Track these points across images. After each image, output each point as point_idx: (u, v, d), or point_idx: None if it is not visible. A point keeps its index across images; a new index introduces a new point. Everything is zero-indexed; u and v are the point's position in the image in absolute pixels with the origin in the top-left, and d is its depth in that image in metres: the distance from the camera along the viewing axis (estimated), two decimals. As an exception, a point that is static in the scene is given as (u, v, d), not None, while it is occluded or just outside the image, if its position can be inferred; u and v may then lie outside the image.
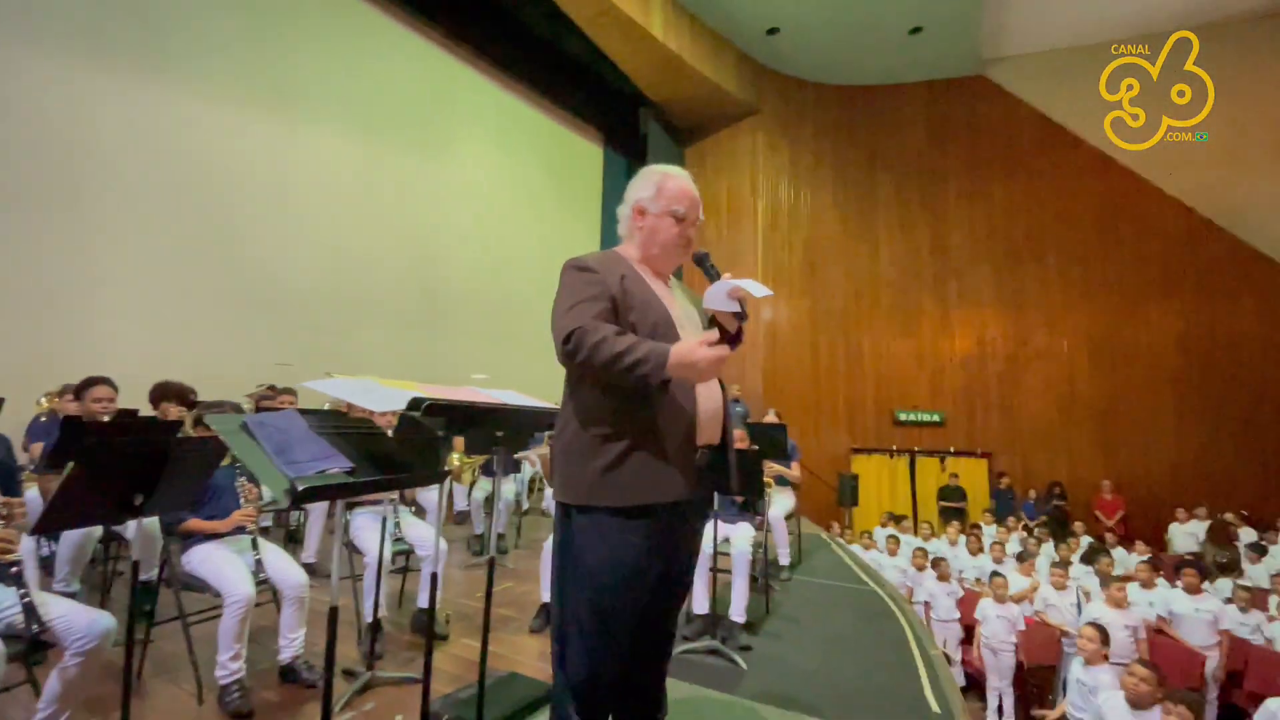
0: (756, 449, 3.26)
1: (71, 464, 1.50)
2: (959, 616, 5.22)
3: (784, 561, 4.29)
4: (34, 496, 2.61)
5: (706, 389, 1.45)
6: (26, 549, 2.18)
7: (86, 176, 5.15)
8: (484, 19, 8.61)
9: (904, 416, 10.76)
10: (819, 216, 11.23)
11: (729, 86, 10.01)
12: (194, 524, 2.44)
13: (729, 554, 3.20)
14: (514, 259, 9.08)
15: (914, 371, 10.97)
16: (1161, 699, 2.73)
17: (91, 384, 3.22)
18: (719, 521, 3.22)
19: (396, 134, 7.61)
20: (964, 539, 6.67)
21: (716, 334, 1.29)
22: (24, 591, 1.70)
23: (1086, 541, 7.09)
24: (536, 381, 3.27)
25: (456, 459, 4.17)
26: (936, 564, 5.39)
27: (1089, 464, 9.72)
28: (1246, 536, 7.05)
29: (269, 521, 4.43)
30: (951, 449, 10.44)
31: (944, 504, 9.51)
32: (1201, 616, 4.47)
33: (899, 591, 4.31)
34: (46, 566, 2.82)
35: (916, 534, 7.25)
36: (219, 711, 2.21)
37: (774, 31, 9.92)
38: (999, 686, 4.71)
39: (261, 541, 2.51)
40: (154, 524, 3.12)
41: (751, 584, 3.22)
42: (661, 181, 1.55)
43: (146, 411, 4.00)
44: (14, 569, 1.72)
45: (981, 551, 6.24)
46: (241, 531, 2.52)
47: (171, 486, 1.74)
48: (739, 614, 3.03)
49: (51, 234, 4.86)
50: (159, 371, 4.44)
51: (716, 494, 2.40)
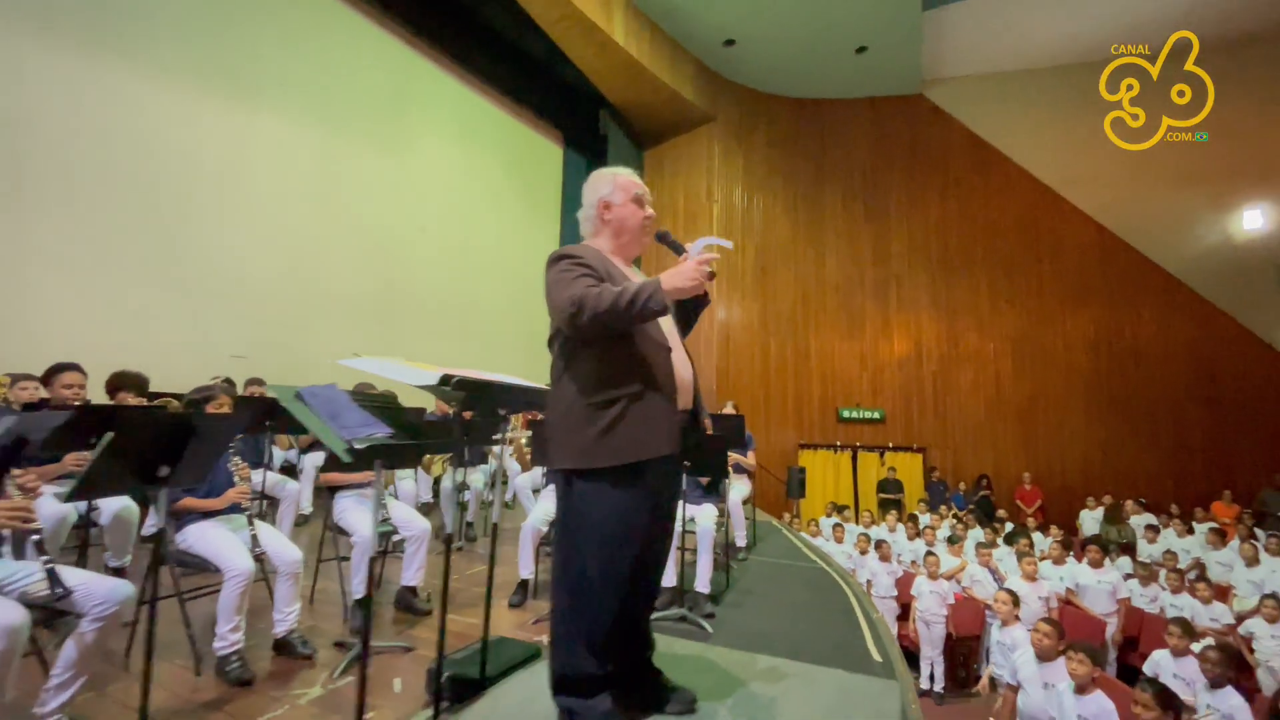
0: (722, 437, 3.54)
1: (110, 435, 1.61)
2: (897, 594, 5.69)
3: (741, 543, 4.60)
4: None
5: (682, 362, 1.68)
6: (47, 516, 2.22)
7: (28, 158, 4.97)
8: (446, 15, 8.64)
9: (847, 414, 11.37)
10: (770, 223, 11.71)
11: (687, 94, 10.35)
12: (189, 502, 2.51)
13: (694, 532, 3.47)
14: (473, 255, 9.12)
15: (856, 371, 11.60)
16: (1064, 650, 3.17)
17: (61, 370, 3.19)
18: (686, 503, 3.47)
19: (356, 126, 7.56)
20: (901, 526, 7.21)
21: (708, 271, 1.49)
22: (47, 558, 1.78)
23: (1009, 527, 7.75)
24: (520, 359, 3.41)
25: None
26: (879, 546, 5.85)
27: (1012, 458, 10.55)
28: (1147, 520, 7.86)
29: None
30: (890, 444, 11.12)
31: (883, 495, 10.13)
32: (1103, 587, 5.06)
33: (845, 569, 4.69)
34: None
35: (858, 523, 7.75)
36: (218, 682, 2.31)
37: (730, 43, 10.31)
38: (931, 655, 5.17)
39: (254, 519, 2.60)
40: (130, 509, 3.15)
41: (714, 561, 3.49)
42: (614, 178, 1.79)
43: (100, 400, 3.93)
44: (35, 537, 1.79)
45: (917, 536, 6.77)
46: (235, 510, 2.61)
47: (194, 459, 1.86)
48: (704, 585, 3.31)
49: (-5, 217, 4.68)
50: (106, 361, 4.32)
51: (684, 476, 2.65)
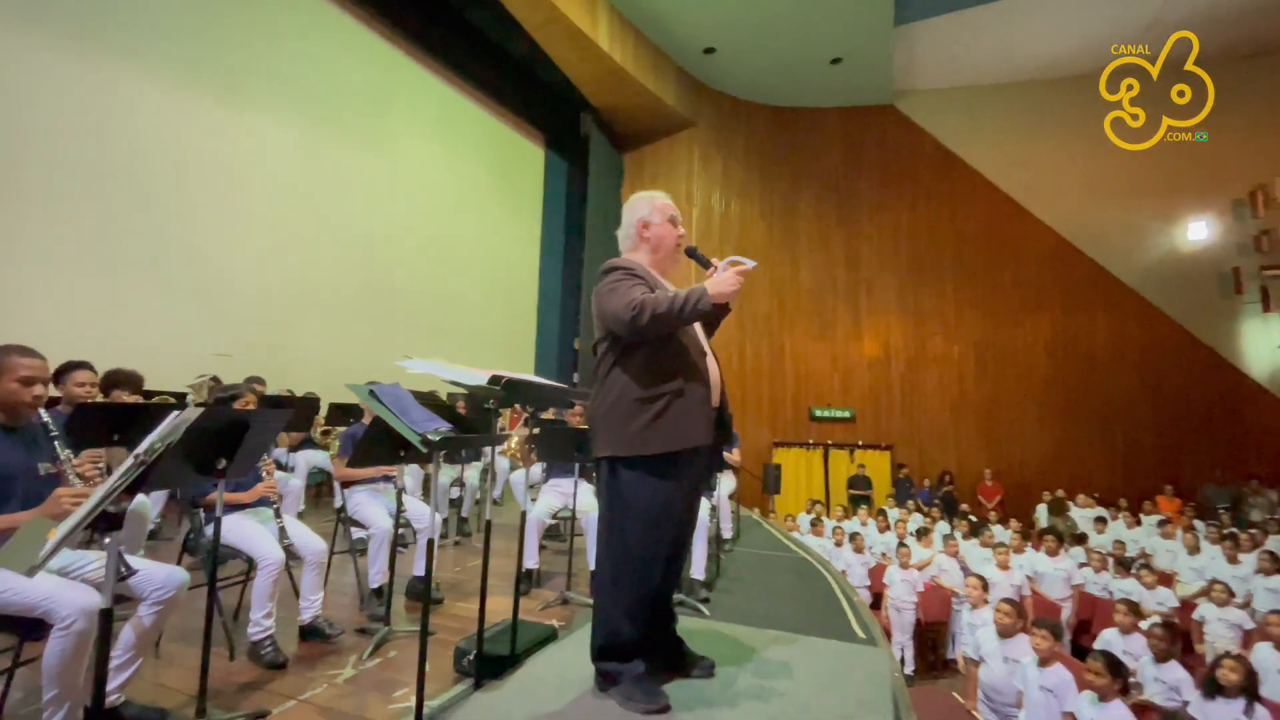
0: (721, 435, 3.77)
1: (182, 429, 1.75)
2: (870, 584, 6.01)
3: (727, 535, 4.84)
4: None
5: (713, 364, 1.90)
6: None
7: (15, 154, 4.92)
8: (431, 15, 8.70)
9: (819, 413, 11.76)
10: (747, 226, 12.03)
11: (668, 99, 10.57)
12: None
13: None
14: (456, 254, 9.20)
15: (829, 372, 12.00)
16: (1024, 627, 3.48)
17: (73, 368, 3.24)
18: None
19: (341, 124, 7.58)
20: (873, 521, 7.57)
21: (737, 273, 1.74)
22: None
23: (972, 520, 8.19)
24: (505, 360, 3.56)
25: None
26: (853, 539, 6.17)
27: (974, 455, 11.07)
28: (1098, 513, 8.39)
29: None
30: (860, 442, 11.54)
31: (853, 492, 10.53)
32: (1058, 575, 5.46)
33: (824, 558, 4.97)
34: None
35: (830, 518, 8.10)
36: (251, 665, 2.43)
37: (711, 51, 10.57)
38: (901, 640, 5.50)
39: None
40: (144, 503, 3.23)
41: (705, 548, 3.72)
42: (652, 201, 2.01)
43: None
44: (101, 525, 1.91)
45: (888, 529, 7.13)
46: (264, 504, 2.73)
47: (248, 453, 2.00)
48: (699, 572, 3.53)
49: (-15, 212, 4.64)
50: (92, 358, 4.35)
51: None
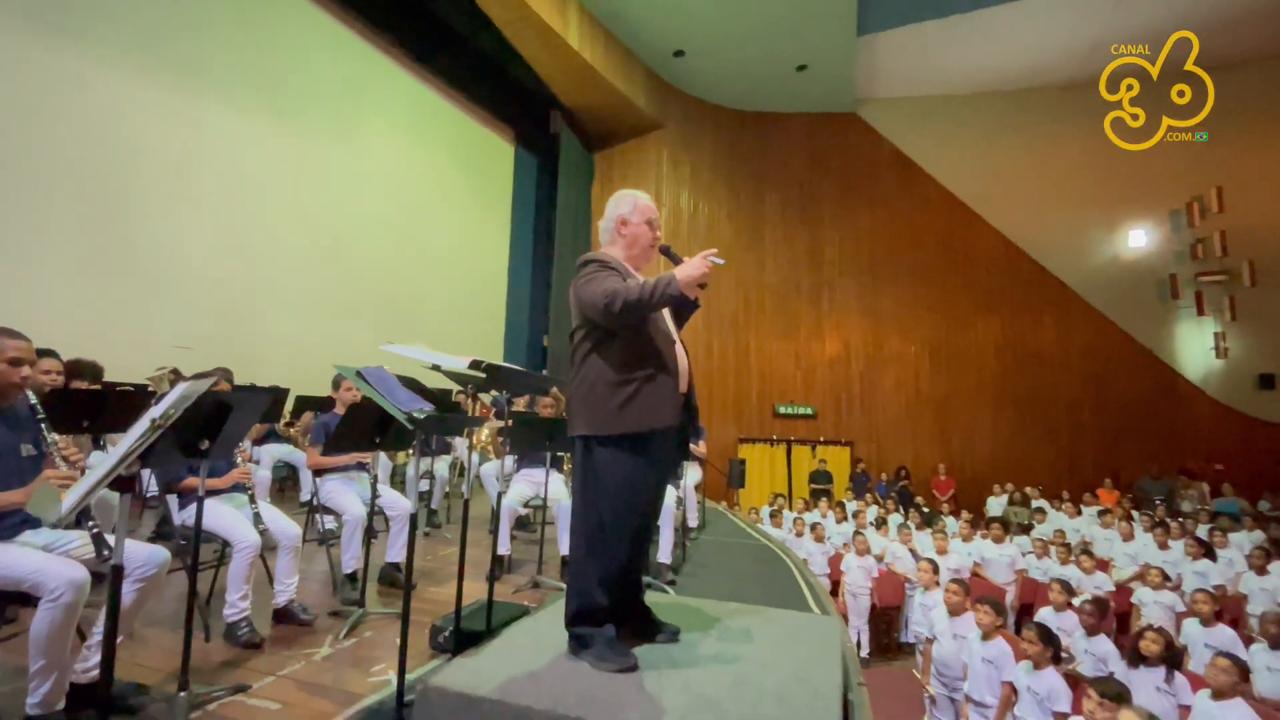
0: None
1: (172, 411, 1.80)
2: (829, 572, 6.26)
3: (693, 524, 5.00)
4: None
5: (681, 352, 2.04)
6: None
7: (-35, 136, 4.77)
8: (400, 8, 8.65)
9: (783, 410, 12.06)
10: (714, 227, 12.25)
11: (638, 100, 10.71)
12: (193, 481, 2.65)
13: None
14: (424, 249, 9.15)
15: (792, 370, 12.31)
16: (970, 605, 3.73)
17: (38, 355, 3.20)
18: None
19: (306, 116, 7.49)
20: (831, 513, 7.85)
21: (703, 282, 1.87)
22: (93, 523, 1.94)
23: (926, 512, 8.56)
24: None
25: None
26: (813, 528, 6.42)
27: (929, 450, 11.51)
28: (1040, 504, 8.85)
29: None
30: (821, 438, 11.88)
31: (814, 486, 10.84)
32: (1003, 560, 5.79)
33: (785, 546, 5.18)
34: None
35: (792, 509, 8.36)
36: (227, 647, 2.47)
37: (680, 54, 10.75)
38: (857, 625, 5.76)
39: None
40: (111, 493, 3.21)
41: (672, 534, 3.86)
42: (634, 200, 2.14)
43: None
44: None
45: (846, 520, 7.40)
46: (238, 489, 2.76)
47: (230, 434, 2.05)
48: (666, 556, 3.67)
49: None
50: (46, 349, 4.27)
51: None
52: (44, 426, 1.94)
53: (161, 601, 2.78)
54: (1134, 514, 8.01)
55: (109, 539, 1.97)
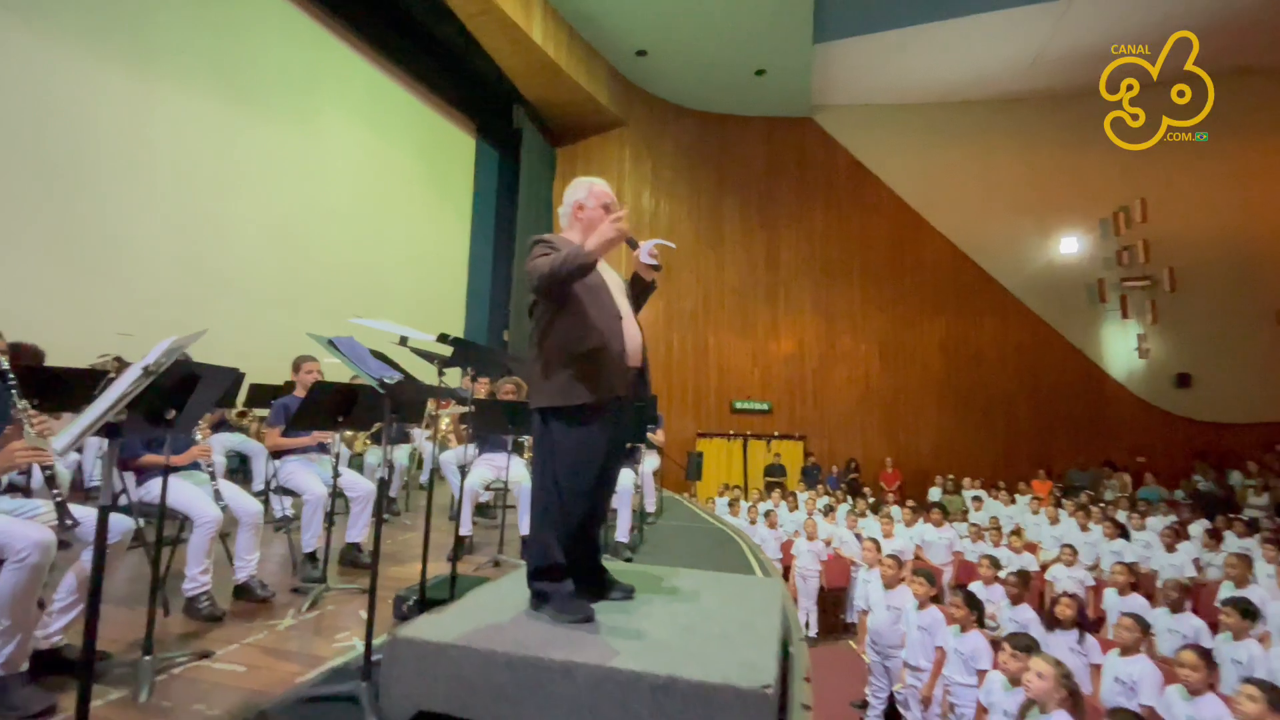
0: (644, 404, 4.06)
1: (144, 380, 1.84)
2: (781, 557, 6.51)
3: (650, 509, 5.15)
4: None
5: (632, 328, 2.17)
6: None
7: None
8: (361, -5, 8.54)
9: (739, 405, 12.37)
10: (675, 226, 12.46)
11: (601, 97, 10.82)
12: (152, 458, 2.65)
13: (615, 491, 3.96)
14: (381, 241, 9.05)
15: (749, 367, 12.63)
16: (904, 578, 4.00)
17: (-21, 333, 3.12)
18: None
19: (262, 102, 7.34)
20: (784, 502, 8.14)
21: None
22: (57, 492, 1.95)
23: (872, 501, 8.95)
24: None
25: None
26: (768, 515, 6.67)
27: (877, 444, 12.00)
28: (976, 493, 9.35)
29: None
30: (776, 433, 12.23)
31: (768, 479, 11.15)
32: (942, 542, 6.16)
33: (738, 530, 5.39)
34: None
35: (747, 500, 8.63)
36: (187, 620, 2.49)
37: (643, 54, 10.91)
38: (806, 606, 6.02)
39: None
40: (63, 473, 3.16)
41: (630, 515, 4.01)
42: (590, 186, 2.26)
43: None
44: (48, 472, 1.96)
45: (797, 509, 7.70)
46: (195, 467, 2.77)
47: (196, 406, 2.09)
48: (623, 536, 3.81)
49: None
50: None
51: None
52: (14, 394, 1.95)
53: (113, 582, 2.77)
54: (1062, 501, 8.56)
55: (73, 509, 1.99)
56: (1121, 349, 11.93)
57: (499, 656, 1.67)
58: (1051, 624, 3.76)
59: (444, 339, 1.97)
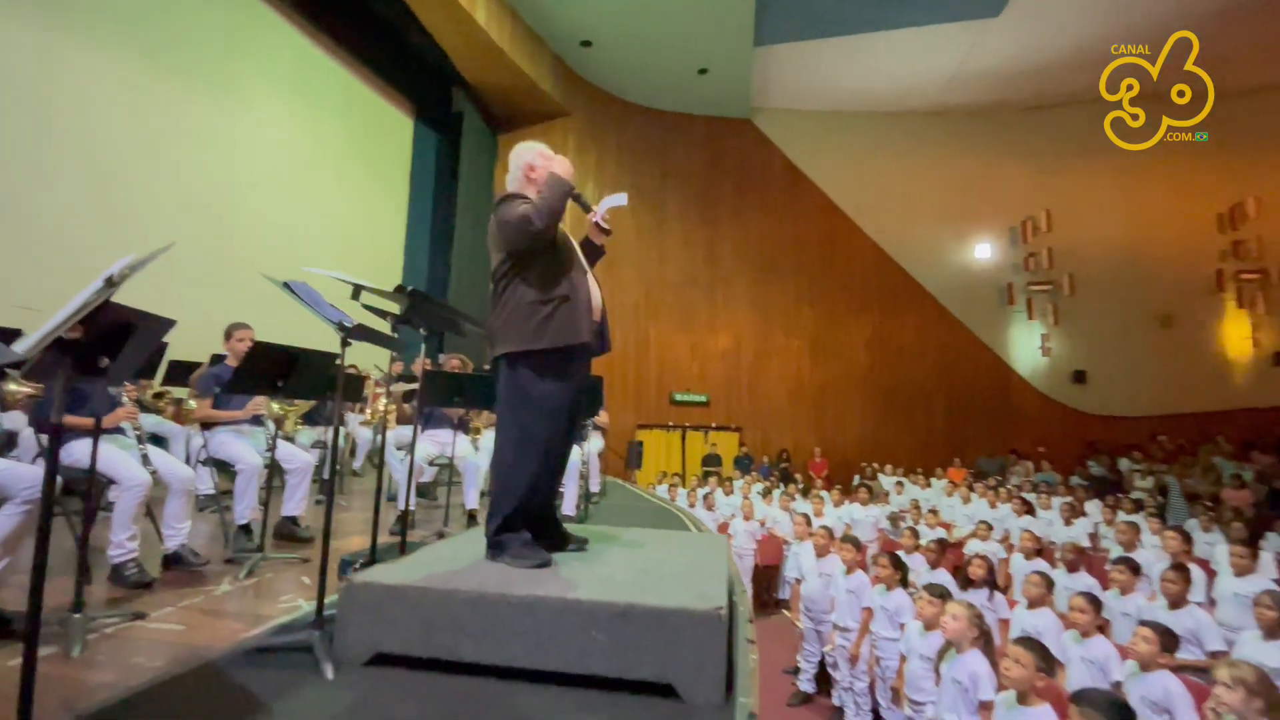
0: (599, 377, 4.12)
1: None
2: (717, 539, 6.73)
3: (594, 489, 5.21)
4: None
5: (594, 282, 2.25)
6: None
7: None
8: (292, -39, 8.14)
9: (679, 397, 12.60)
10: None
11: (545, 86, 10.75)
12: (72, 421, 2.48)
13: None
14: (311, 220, 8.66)
15: (688, 360, 12.89)
16: (833, 548, 4.25)
17: None
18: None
19: (179, 64, 6.89)
20: (720, 489, 8.39)
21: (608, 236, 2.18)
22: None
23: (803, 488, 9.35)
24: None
25: (277, 406, 4.28)
26: (705, 498, 6.86)
27: (807, 435, 12.51)
28: (897, 479, 9.94)
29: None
30: (713, 424, 12.54)
31: (705, 469, 11.42)
32: (868, 520, 6.53)
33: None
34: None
35: (685, 487, 8.82)
36: (113, 587, 2.36)
37: (588, 45, 10.93)
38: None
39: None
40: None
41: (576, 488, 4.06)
42: (537, 148, 2.34)
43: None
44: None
45: (733, 493, 7.96)
46: (119, 431, 2.61)
47: (132, 355, 2.00)
48: (570, 509, 3.86)
49: None
50: None
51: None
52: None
53: (30, 548, 2.58)
54: (974, 485, 9.22)
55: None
56: (1027, 348, 12.94)
57: (459, 595, 1.70)
58: (965, 584, 4.08)
59: (402, 290, 1.97)
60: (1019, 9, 9.89)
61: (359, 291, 2.01)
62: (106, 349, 1.94)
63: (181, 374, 5.20)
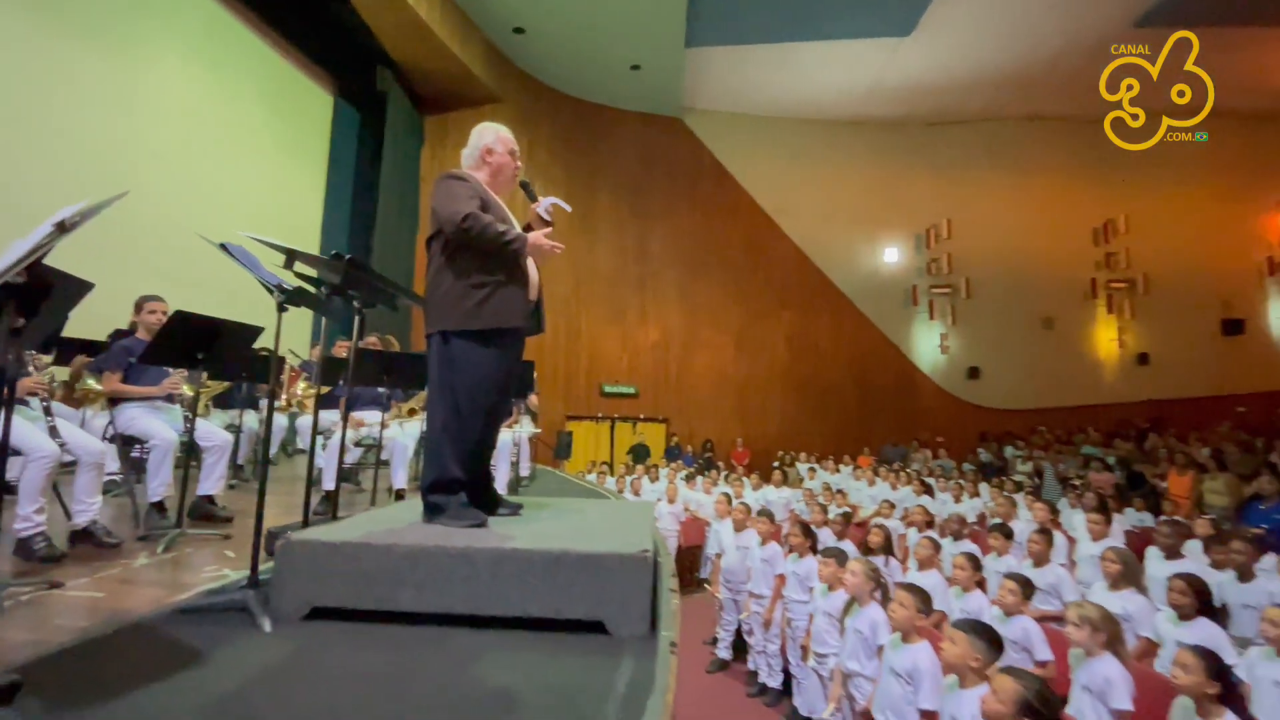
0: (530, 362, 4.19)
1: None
2: (643, 522, 6.96)
3: (524, 473, 5.29)
4: None
5: (533, 267, 2.35)
6: None
7: None
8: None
9: (608, 389, 12.76)
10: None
11: (475, 69, 10.59)
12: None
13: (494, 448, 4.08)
14: (219, 196, 8.17)
15: (618, 352, 13.07)
16: (750, 523, 4.55)
17: None
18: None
19: (75, 20, 6.35)
20: (646, 476, 8.65)
21: (550, 230, 2.25)
22: None
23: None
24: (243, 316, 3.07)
25: (189, 389, 4.11)
26: (633, 484, 7.07)
27: (730, 426, 13.00)
28: (810, 465, 10.56)
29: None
30: (641, 415, 12.80)
31: (634, 459, 11.65)
32: (781, 500, 6.96)
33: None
34: None
35: (613, 476, 9.02)
36: (19, 561, 2.25)
37: (520, 31, 10.85)
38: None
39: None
40: None
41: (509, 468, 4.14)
42: (497, 132, 2.45)
43: None
44: None
45: (659, 480, 8.23)
46: (24, 403, 2.48)
47: (46, 317, 1.94)
48: (501, 488, 3.93)
49: None
50: None
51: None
52: None
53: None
54: (879, 470, 9.94)
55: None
56: (928, 346, 13.98)
57: (398, 549, 1.78)
58: (864, 550, 4.48)
59: (340, 258, 2.00)
60: (927, 31, 10.68)
61: (293, 259, 2.03)
62: (22, 308, 1.88)
63: (70, 351, 4.85)
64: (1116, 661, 2.42)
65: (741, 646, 4.82)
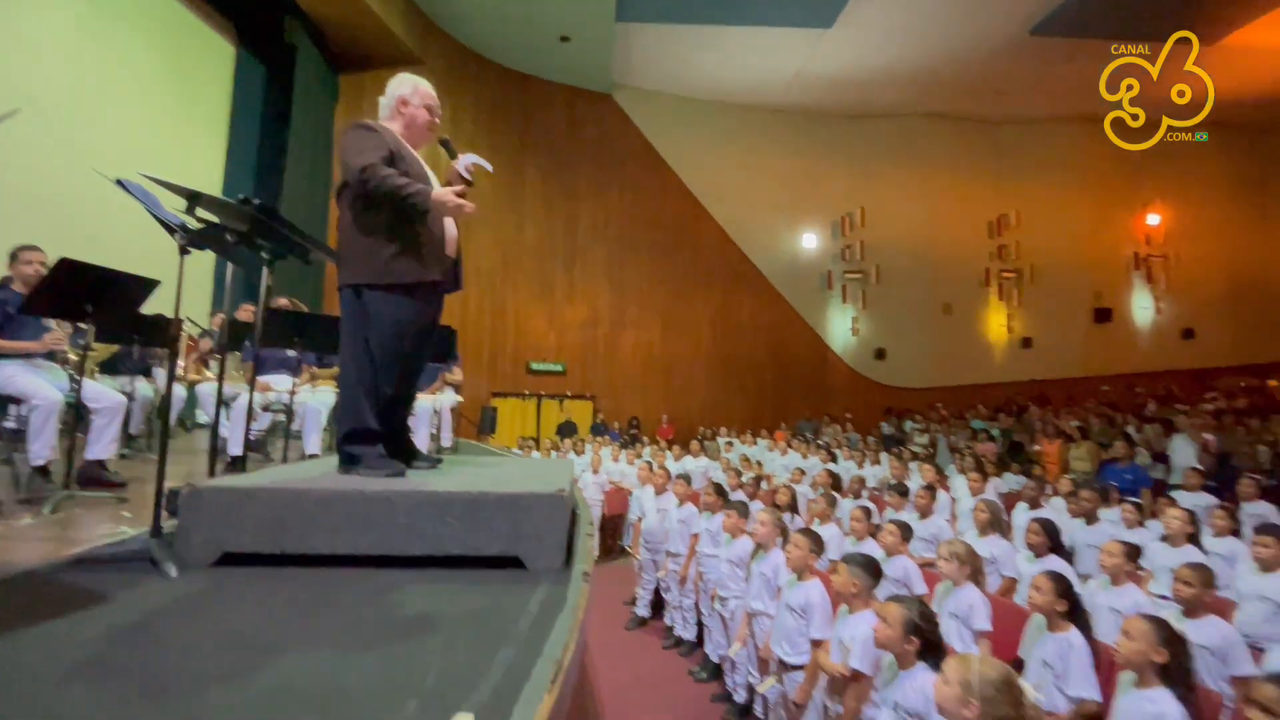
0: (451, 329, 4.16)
1: None
2: (566, 493, 7.07)
3: (446, 444, 5.24)
4: None
5: (449, 223, 2.36)
6: None
7: None
8: None
9: (535, 366, 12.70)
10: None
11: (395, 27, 10.09)
12: None
13: (414, 415, 4.03)
14: (106, 150, 7.44)
15: (545, 329, 13.01)
16: (667, 484, 4.78)
17: None
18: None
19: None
20: (573, 450, 8.75)
21: (462, 187, 2.25)
22: None
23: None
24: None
25: (73, 353, 3.83)
26: (559, 457, 7.14)
27: (656, 403, 13.27)
28: (730, 439, 10.99)
29: None
30: (569, 393, 12.84)
31: (561, 435, 11.70)
32: (699, 469, 7.26)
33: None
34: None
35: (540, 450, 9.06)
36: None
37: (444, -8, 10.43)
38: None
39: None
40: None
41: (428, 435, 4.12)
42: (415, 85, 2.42)
43: None
44: None
45: (584, 453, 8.34)
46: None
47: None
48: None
49: None
50: None
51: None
52: None
53: None
54: (791, 442, 10.49)
55: None
56: (840, 328, 14.76)
57: (313, 494, 1.79)
58: (773, 508, 4.78)
59: (248, 203, 1.94)
60: (845, 25, 11.12)
61: (196, 203, 1.95)
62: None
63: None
64: (978, 590, 2.76)
65: (659, 605, 5.05)
